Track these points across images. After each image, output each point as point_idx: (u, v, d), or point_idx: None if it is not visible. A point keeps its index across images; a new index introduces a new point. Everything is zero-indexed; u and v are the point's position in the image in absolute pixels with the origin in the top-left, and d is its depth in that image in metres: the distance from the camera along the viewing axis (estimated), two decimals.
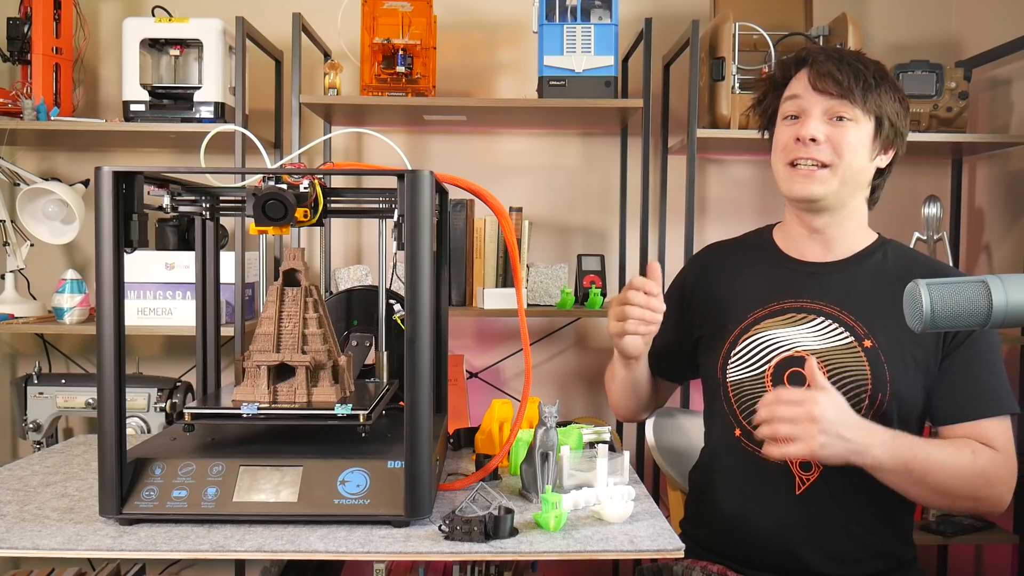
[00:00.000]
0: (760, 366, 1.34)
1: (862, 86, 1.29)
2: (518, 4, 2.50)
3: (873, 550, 1.31)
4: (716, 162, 2.57)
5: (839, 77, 1.29)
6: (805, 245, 1.40)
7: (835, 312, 1.33)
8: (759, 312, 1.37)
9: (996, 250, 2.41)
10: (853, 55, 1.34)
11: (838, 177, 1.31)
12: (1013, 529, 2.22)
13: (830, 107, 1.30)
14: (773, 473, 1.32)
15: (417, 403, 1.04)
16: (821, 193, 1.31)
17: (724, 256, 1.51)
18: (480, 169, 2.55)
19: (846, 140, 1.29)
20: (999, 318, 0.88)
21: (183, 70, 2.28)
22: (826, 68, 1.30)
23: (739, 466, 1.36)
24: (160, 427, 2.13)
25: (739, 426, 1.36)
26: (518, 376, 2.58)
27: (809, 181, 1.31)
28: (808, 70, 1.33)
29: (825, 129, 1.30)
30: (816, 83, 1.31)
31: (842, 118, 1.30)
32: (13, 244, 2.29)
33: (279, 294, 1.16)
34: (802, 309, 1.35)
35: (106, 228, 1.01)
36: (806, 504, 1.30)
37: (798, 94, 1.33)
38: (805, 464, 1.30)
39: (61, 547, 0.99)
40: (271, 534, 1.02)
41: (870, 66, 1.32)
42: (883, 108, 1.31)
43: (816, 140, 1.29)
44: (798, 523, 1.30)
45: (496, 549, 1.01)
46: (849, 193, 1.34)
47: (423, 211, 1.03)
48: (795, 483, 1.31)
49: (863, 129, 1.31)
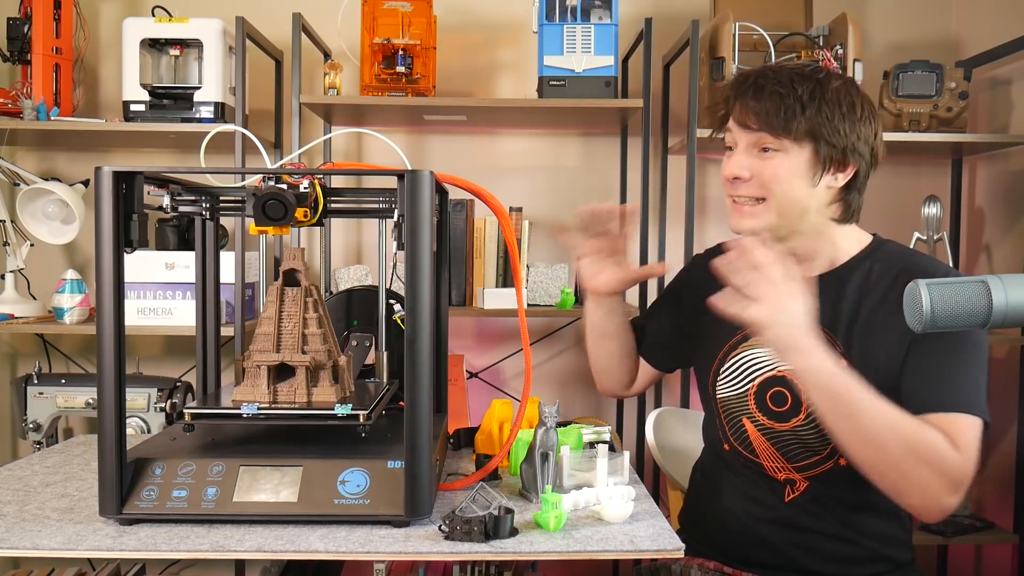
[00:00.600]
0: (744, 385, 1.34)
1: (784, 113, 1.22)
2: (518, 4, 2.50)
3: (868, 553, 1.31)
4: (716, 162, 2.57)
5: (757, 109, 1.23)
6: None
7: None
8: (743, 331, 1.34)
9: (996, 250, 2.41)
10: (786, 75, 1.25)
11: (773, 211, 1.26)
12: (1013, 529, 2.23)
13: (755, 140, 1.25)
14: (763, 484, 1.33)
15: (417, 403, 1.04)
16: (758, 227, 1.27)
17: (701, 270, 1.49)
18: (480, 169, 2.55)
19: (771, 173, 1.24)
20: (999, 318, 0.88)
21: (183, 70, 2.28)
22: (745, 102, 1.25)
23: (732, 476, 1.38)
24: (160, 427, 2.13)
25: (727, 440, 1.37)
26: (518, 376, 2.58)
27: (743, 216, 1.28)
28: (734, 101, 1.28)
29: (750, 163, 1.25)
30: (738, 117, 1.26)
31: (767, 149, 1.24)
32: (13, 244, 2.29)
33: (279, 294, 1.16)
34: None
35: (106, 228, 1.01)
36: (797, 512, 1.31)
37: (729, 128, 1.29)
38: (790, 480, 1.31)
39: (61, 547, 0.99)
40: (271, 534, 1.02)
41: (801, 87, 1.23)
42: (819, 129, 1.22)
43: (740, 178, 1.26)
44: (791, 530, 1.31)
45: (496, 549, 1.01)
46: (795, 221, 1.28)
47: (423, 211, 1.03)
48: (784, 492, 1.31)
49: (794, 157, 1.23)
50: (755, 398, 1.32)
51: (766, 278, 1.13)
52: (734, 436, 1.36)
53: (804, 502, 1.30)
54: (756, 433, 1.32)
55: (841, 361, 1.20)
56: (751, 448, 1.33)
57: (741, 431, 1.35)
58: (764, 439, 1.31)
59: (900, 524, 1.33)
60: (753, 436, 1.33)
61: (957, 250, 2.46)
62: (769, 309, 1.12)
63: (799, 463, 1.29)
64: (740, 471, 1.36)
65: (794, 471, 1.30)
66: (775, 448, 1.30)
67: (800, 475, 1.30)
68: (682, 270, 1.60)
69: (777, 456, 1.31)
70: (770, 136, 1.23)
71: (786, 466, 1.30)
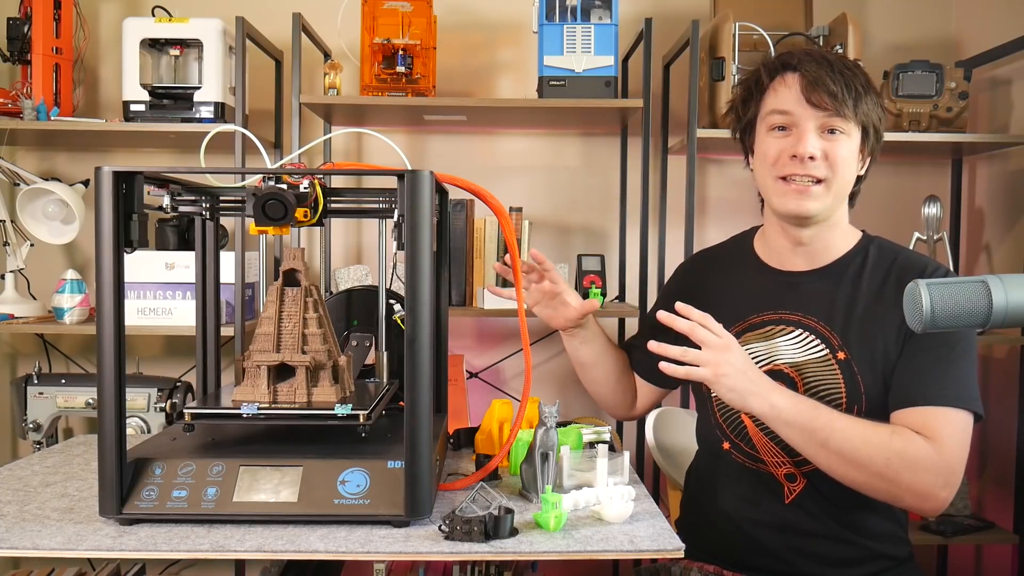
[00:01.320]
0: None
1: (854, 96, 1.24)
2: (518, 4, 2.50)
3: (867, 552, 1.31)
4: (716, 162, 2.57)
5: (833, 88, 1.23)
6: (786, 257, 1.38)
7: (812, 323, 1.31)
8: (740, 326, 1.37)
9: (996, 250, 2.41)
10: (839, 60, 1.28)
11: (832, 192, 1.27)
12: (1013, 529, 2.22)
13: (824, 121, 1.25)
14: (762, 484, 1.33)
15: (417, 403, 1.04)
16: (816, 210, 1.28)
17: (705, 268, 1.52)
18: (480, 169, 2.55)
19: (840, 155, 1.25)
20: (999, 318, 0.88)
21: (183, 70, 2.28)
22: (817, 76, 1.24)
23: (730, 476, 1.37)
24: (160, 427, 2.13)
25: (727, 439, 1.37)
26: (518, 376, 2.58)
27: (804, 198, 1.27)
28: (799, 79, 1.26)
29: (820, 144, 1.26)
30: (809, 95, 1.24)
31: (835, 131, 1.26)
32: (13, 244, 2.29)
33: (279, 294, 1.16)
34: (780, 321, 1.34)
35: (106, 228, 1.01)
36: (796, 512, 1.31)
37: (787, 109, 1.27)
38: (790, 475, 1.31)
39: (61, 547, 0.99)
40: (271, 534, 1.02)
41: (857, 73, 1.27)
42: (870, 117, 1.27)
43: (814, 158, 1.25)
44: (789, 530, 1.31)
45: (496, 549, 1.01)
46: (838, 206, 1.32)
47: (423, 211, 1.03)
48: (783, 492, 1.31)
49: (853, 141, 1.27)
50: None
51: (699, 339, 1.19)
52: (733, 433, 1.36)
53: (803, 501, 1.30)
54: (755, 429, 1.32)
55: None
56: (751, 444, 1.33)
57: (740, 427, 1.35)
58: (763, 434, 1.31)
59: (896, 521, 1.34)
60: (752, 432, 1.33)
61: (957, 250, 2.46)
62: (711, 368, 1.17)
63: (799, 456, 1.28)
64: (739, 472, 1.36)
65: (793, 465, 1.30)
66: (774, 443, 1.30)
67: (799, 470, 1.30)
68: (669, 282, 1.62)
69: (777, 451, 1.31)
70: (840, 118, 1.25)
71: (786, 460, 1.30)
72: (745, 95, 1.36)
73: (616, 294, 2.45)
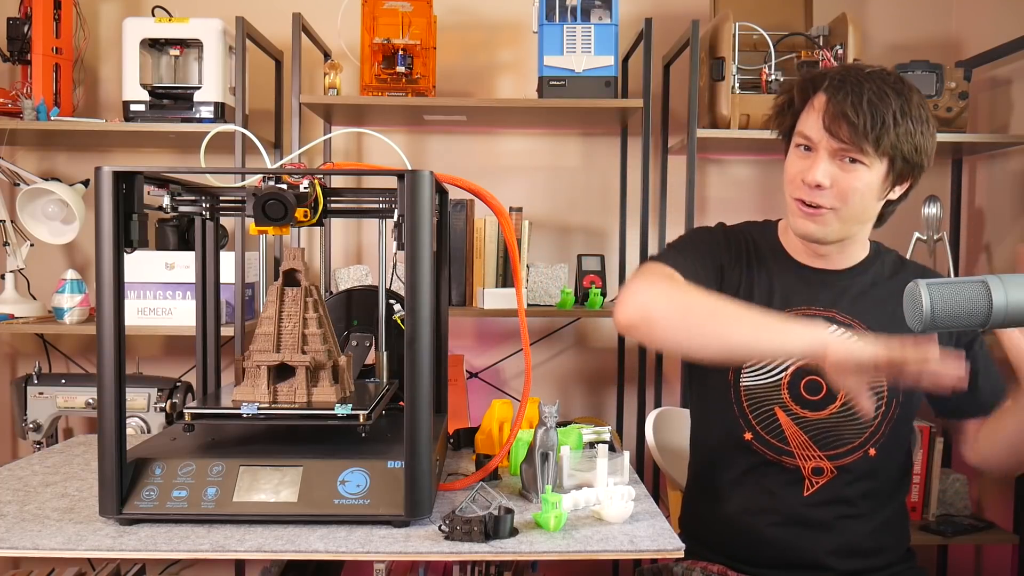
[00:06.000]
0: (776, 374, 1.33)
1: (878, 129, 1.20)
2: (518, 4, 2.50)
3: (878, 543, 1.32)
4: (716, 162, 2.57)
5: (854, 120, 1.20)
6: (809, 257, 1.39)
7: (847, 320, 1.32)
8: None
9: (996, 250, 2.41)
10: (877, 85, 1.22)
11: (841, 219, 1.27)
12: (1013, 529, 2.22)
13: (841, 149, 1.23)
14: (784, 476, 1.32)
15: (417, 403, 1.04)
16: (823, 234, 1.29)
17: (740, 246, 1.42)
18: (480, 169, 2.55)
19: (852, 186, 1.24)
20: (999, 318, 0.88)
21: (183, 70, 2.28)
22: (841, 108, 1.21)
23: (748, 468, 1.36)
24: (160, 427, 2.13)
25: (751, 430, 1.35)
26: (518, 376, 2.58)
27: (810, 222, 1.28)
28: (826, 104, 1.23)
29: (832, 172, 1.24)
30: (829, 124, 1.22)
31: (854, 160, 1.23)
32: (13, 244, 2.29)
33: (279, 294, 1.16)
34: (815, 317, 1.33)
35: (106, 228, 1.01)
36: (813, 505, 1.31)
37: (809, 134, 1.25)
38: (818, 468, 1.31)
39: (61, 547, 0.99)
40: (271, 534, 1.02)
41: (894, 101, 1.21)
42: (900, 147, 1.22)
43: (821, 187, 1.24)
44: (805, 523, 1.31)
45: (496, 549, 1.01)
46: (852, 229, 1.31)
47: (423, 211, 1.03)
48: (804, 485, 1.32)
49: (874, 172, 1.24)
50: (788, 387, 1.32)
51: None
52: (761, 426, 1.33)
53: (822, 495, 1.31)
54: (789, 422, 1.32)
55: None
56: (782, 438, 1.32)
57: (771, 421, 1.33)
58: (798, 428, 1.31)
59: (904, 513, 1.37)
60: (786, 425, 1.32)
61: (957, 250, 2.46)
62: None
63: (831, 451, 1.30)
64: (757, 463, 1.34)
65: (825, 459, 1.31)
66: (808, 437, 1.31)
67: (831, 463, 1.30)
68: (717, 237, 1.44)
69: (809, 444, 1.31)
70: (858, 151, 1.22)
71: (817, 454, 1.31)
72: (779, 109, 1.35)
73: (616, 294, 2.45)
